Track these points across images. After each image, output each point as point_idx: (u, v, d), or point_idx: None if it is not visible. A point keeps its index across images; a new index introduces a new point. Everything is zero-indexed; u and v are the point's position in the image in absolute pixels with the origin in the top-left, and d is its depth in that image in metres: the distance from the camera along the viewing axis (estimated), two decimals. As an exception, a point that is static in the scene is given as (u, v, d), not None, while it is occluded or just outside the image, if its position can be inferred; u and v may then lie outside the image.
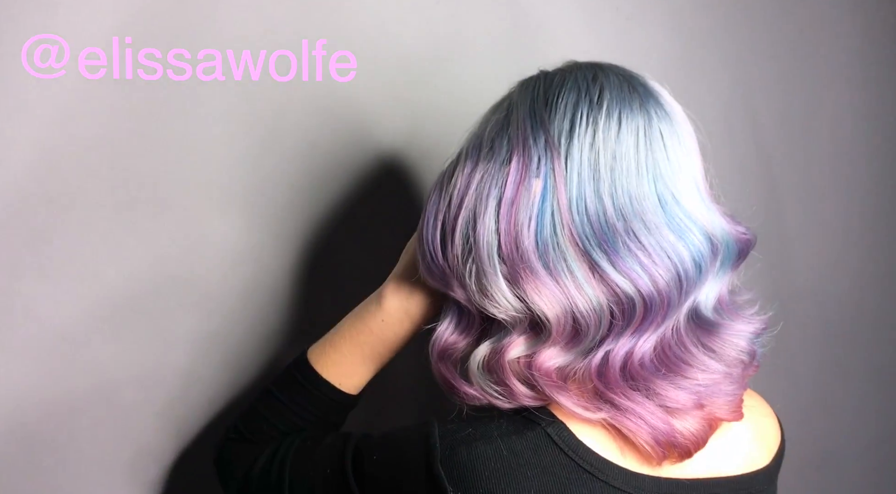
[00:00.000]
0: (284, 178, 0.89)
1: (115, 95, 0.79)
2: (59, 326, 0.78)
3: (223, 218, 0.85)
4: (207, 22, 0.84)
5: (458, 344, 0.67)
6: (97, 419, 0.81)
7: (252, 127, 0.87)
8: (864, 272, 1.60)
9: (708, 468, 0.66)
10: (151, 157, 0.81)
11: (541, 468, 0.60)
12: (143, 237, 0.81)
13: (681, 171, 0.62)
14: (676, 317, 0.63)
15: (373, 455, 0.65)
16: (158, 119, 0.81)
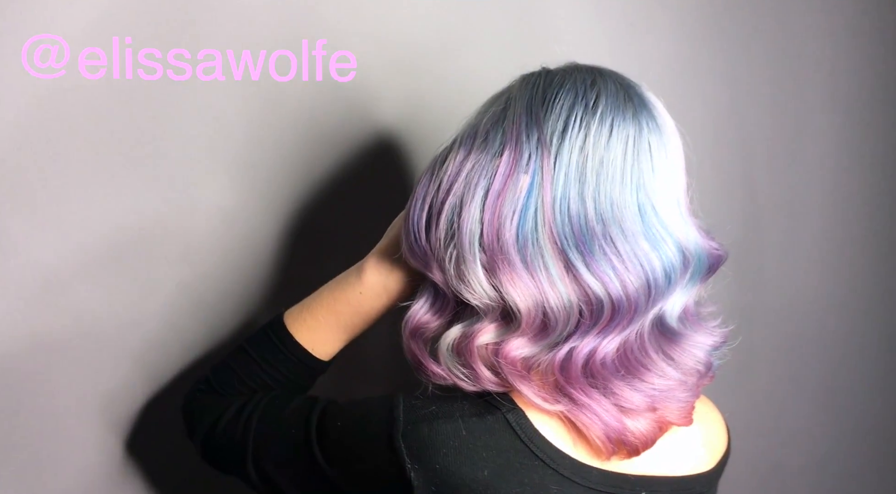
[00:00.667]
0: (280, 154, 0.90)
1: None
2: (44, 266, 0.79)
3: (216, 180, 0.87)
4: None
5: (431, 324, 0.70)
6: (74, 360, 0.83)
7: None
8: (832, 295, 1.65)
9: (654, 466, 0.69)
10: (151, 125, 0.82)
11: (496, 450, 0.63)
12: (134, 190, 0.82)
13: (664, 183, 0.64)
14: (642, 323, 0.65)
15: (337, 421, 0.67)
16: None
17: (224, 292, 0.91)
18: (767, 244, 1.48)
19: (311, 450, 0.67)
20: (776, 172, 1.45)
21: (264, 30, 0.87)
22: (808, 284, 1.58)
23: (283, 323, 0.78)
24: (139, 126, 0.81)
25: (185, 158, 0.85)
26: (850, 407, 1.76)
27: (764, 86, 1.38)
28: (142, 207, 0.83)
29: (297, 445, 0.69)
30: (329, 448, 0.67)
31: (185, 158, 0.85)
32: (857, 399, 1.76)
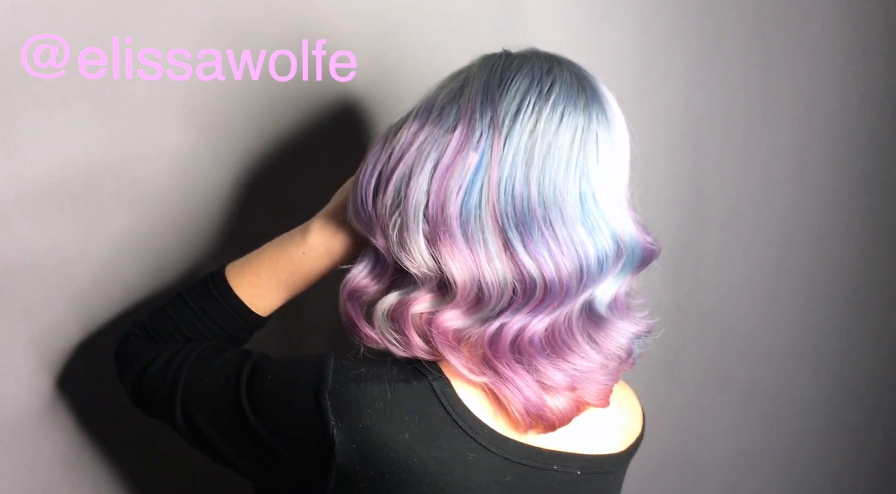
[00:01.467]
0: (236, 94, 0.90)
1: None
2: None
3: (174, 126, 0.87)
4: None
5: (369, 288, 0.71)
6: (7, 292, 0.82)
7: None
8: (760, 300, 1.71)
9: (567, 443, 0.72)
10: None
11: (419, 415, 0.65)
12: (88, 126, 0.82)
13: (606, 174, 0.67)
14: (572, 306, 0.68)
15: (267, 375, 0.69)
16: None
17: (170, 239, 0.91)
18: (707, 246, 1.53)
19: (238, 400, 0.69)
20: (724, 176, 1.50)
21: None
22: (740, 287, 1.64)
23: (224, 276, 0.78)
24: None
25: (145, 100, 0.84)
26: (770, 408, 1.84)
27: (721, 91, 1.42)
28: (95, 144, 0.83)
29: (225, 394, 0.70)
30: (256, 399, 0.68)
31: (145, 100, 0.84)
32: (777, 401, 1.84)
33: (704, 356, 1.65)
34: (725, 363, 1.70)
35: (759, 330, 1.73)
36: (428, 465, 0.65)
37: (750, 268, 1.64)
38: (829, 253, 1.77)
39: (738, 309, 1.66)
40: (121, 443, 0.94)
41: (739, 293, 1.65)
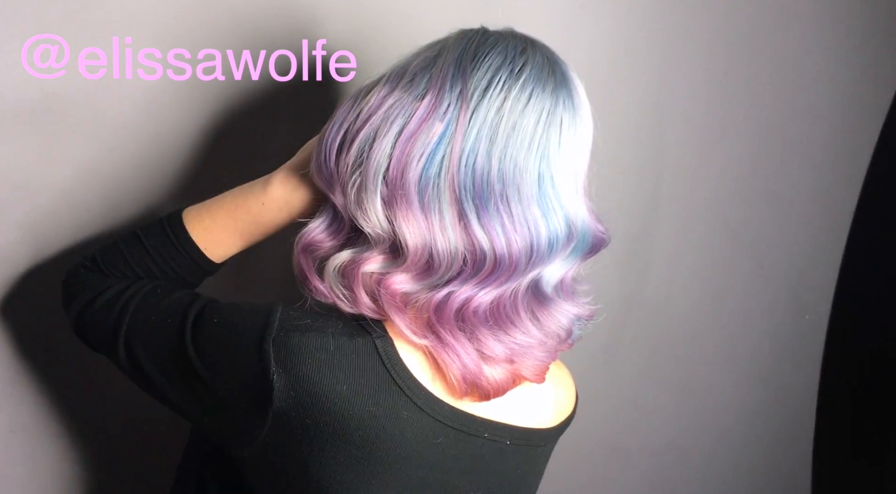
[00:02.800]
0: (212, 38, 0.90)
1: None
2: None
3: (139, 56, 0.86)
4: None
5: (324, 243, 0.72)
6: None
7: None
8: (706, 298, 1.76)
9: (501, 414, 0.75)
10: None
11: (359, 370, 0.67)
12: (51, 50, 0.80)
13: (566, 159, 0.69)
14: (519, 282, 0.70)
15: (214, 318, 0.70)
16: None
17: (128, 175, 0.90)
18: (660, 241, 1.57)
19: (182, 340, 0.69)
20: (682, 175, 1.54)
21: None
22: (686, 286, 1.69)
23: (181, 219, 0.79)
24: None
25: (111, 29, 0.84)
26: (701, 405, 1.90)
27: (688, 93, 1.45)
28: (56, 70, 0.82)
29: (169, 333, 0.71)
30: (201, 340, 0.69)
31: (111, 29, 0.84)
32: (708, 398, 1.90)
33: (645, 350, 1.70)
34: (664, 358, 1.75)
35: (699, 328, 1.78)
36: (362, 418, 0.66)
37: (697, 268, 1.68)
38: (773, 259, 1.83)
39: (682, 307, 1.71)
40: (59, 373, 0.94)
41: (685, 291, 1.70)
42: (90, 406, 0.97)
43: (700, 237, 1.65)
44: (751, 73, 1.53)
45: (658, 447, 1.88)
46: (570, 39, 1.22)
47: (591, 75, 1.15)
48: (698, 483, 2.01)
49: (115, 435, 1.01)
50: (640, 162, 1.45)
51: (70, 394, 0.96)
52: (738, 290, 1.81)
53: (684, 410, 1.88)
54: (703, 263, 1.69)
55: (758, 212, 1.73)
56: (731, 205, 1.66)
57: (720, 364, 1.88)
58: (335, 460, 0.68)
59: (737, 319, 1.84)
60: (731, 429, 1.99)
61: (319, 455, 0.68)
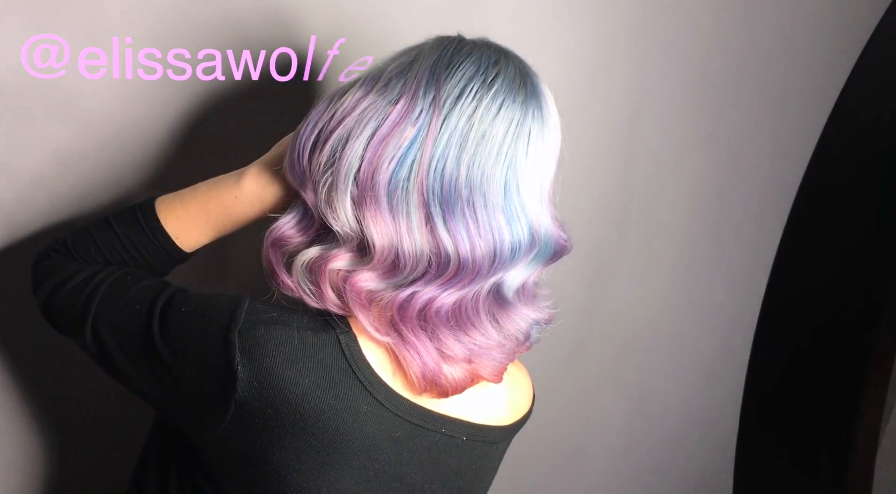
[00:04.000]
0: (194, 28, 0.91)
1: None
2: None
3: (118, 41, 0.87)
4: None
5: (293, 239, 0.74)
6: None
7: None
8: (670, 311, 1.80)
9: (458, 410, 0.77)
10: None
11: (321, 364, 0.69)
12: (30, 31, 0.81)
13: (533, 168, 0.71)
14: (481, 286, 0.72)
15: (182, 307, 0.71)
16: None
17: (104, 163, 0.91)
18: (626, 251, 1.61)
19: (150, 326, 0.71)
20: (650, 189, 1.57)
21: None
22: (648, 296, 1.73)
23: (153, 207, 0.80)
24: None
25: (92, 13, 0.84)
26: (657, 411, 1.94)
27: (659, 108, 1.49)
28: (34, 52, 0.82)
29: (137, 318, 0.72)
30: (168, 328, 0.70)
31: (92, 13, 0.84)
32: (664, 405, 1.95)
33: (606, 356, 1.74)
34: (624, 365, 1.79)
35: (660, 338, 1.82)
36: (323, 411, 0.69)
37: (660, 279, 1.72)
38: (736, 271, 1.88)
39: (644, 316, 1.75)
40: (26, 357, 0.95)
41: (647, 301, 1.73)
42: (55, 391, 0.98)
43: (665, 250, 1.69)
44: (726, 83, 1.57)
45: (615, 451, 1.91)
46: (550, 50, 1.25)
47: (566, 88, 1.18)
48: (654, 488, 2.05)
49: (78, 420, 1.02)
50: (610, 173, 1.48)
51: (35, 379, 0.96)
52: (700, 301, 1.85)
53: (641, 417, 1.92)
54: (665, 276, 1.73)
55: (723, 224, 1.77)
56: (697, 217, 1.71)
57: (678, 372, 1.93)
58: (294, 449, 0.70)
59: (697, 329, 1.89)
60: (686, 436, 2.04)
61: (279, 445, 0.69)
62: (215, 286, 1.06)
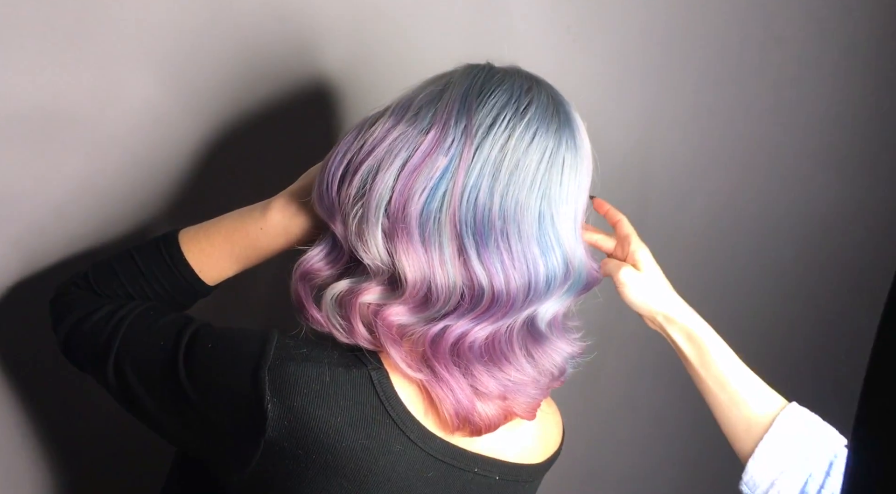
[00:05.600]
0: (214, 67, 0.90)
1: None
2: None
3: (141, 76, 0.86)
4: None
5: (322, 272, 0.73)
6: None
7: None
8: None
9: (491, 449, 0.75)
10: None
11: (354, 402, 0.67)
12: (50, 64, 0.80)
13: (567, 198, 0.69)
14: (515, 319, 0.71)
15: (208, 343, 0.69)
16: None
17: (123, 193, 0.90)
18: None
19: (175, 363, 0.69)
20: (664, 211, 1.56)
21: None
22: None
23: (176, 240, 0.78)
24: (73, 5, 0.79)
25: (112, 46, 0.83)
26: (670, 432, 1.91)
27: (673, 128, 1.47)
28: (54, 84, 0.81)
29: (162, 356, 0.70)
30: (194, 365, 0.68)
31: (112, 46, 0.83)
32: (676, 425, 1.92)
33: (621, 379, 1.71)
34: (639, 387, 1.77)
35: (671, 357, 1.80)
36: (355, 451, 0.66)
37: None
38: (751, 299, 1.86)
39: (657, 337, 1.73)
40: (45, 393, 0.92)
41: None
42: (74, 426, 0.96)
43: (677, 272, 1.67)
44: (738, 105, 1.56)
45: (627, 474, 1.89)
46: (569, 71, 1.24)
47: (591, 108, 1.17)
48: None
49: (97, 457, 0.99)
50: (624, 195, 1.47)
51: (54, 414, 0.94)
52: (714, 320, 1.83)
53: (656, 438, 1.89)
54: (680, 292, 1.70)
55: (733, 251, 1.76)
56: (708, 242, 1.69)
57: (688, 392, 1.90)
58: (325, 491, 0.67)
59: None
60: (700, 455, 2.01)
61: (309, 486, 0.67)
62: (237, 320, 1.04)
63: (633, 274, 0.89)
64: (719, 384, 0.87)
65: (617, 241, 0.93)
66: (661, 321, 0.90)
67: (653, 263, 0.90)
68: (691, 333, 0.88)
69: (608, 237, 0.93)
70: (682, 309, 0.89)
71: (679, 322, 0.88)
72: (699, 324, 0.89)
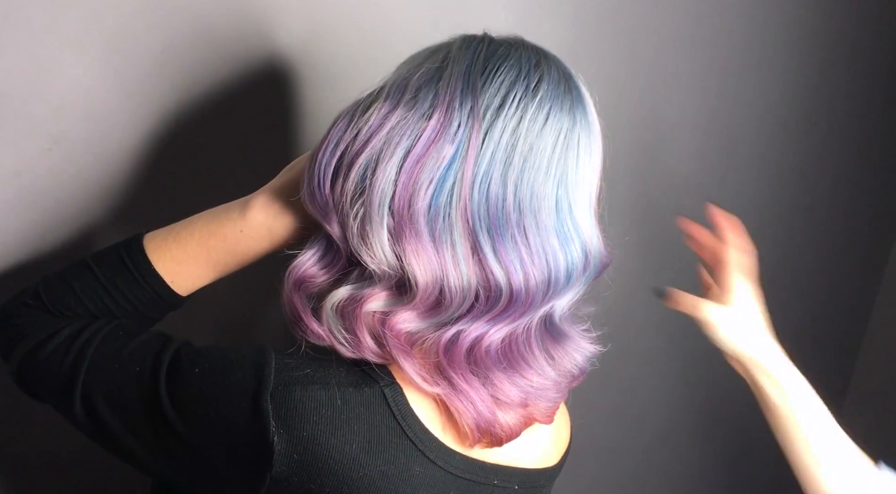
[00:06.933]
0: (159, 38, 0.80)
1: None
2: None
3: (75, 55, 0.75)
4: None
5: (317, 278, 0.65)
6: None
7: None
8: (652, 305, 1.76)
9: (510, 457, 0.69)
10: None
11: (368, 425, 0.60)
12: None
13: (583, 182, 0.63)
14: (532, 317, 0.65)
15: (194, 367, 0.61)
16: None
17: (68, 191, 0.79)
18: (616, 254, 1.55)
19: (156, 395, 0.60)
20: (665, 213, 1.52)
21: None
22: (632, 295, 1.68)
23: (141, 246, 0.69)
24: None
25: (45, 24, 0.73)
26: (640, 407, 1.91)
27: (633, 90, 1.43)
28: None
29: (140, 384, 0.61)
30: (179, 396, 0.60)
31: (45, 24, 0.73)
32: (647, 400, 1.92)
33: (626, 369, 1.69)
34: (611, 363, 1.74)
35: (643, 331, 1.78)
36: (373, 479, 0.60)
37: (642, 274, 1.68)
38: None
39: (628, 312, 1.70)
40: None
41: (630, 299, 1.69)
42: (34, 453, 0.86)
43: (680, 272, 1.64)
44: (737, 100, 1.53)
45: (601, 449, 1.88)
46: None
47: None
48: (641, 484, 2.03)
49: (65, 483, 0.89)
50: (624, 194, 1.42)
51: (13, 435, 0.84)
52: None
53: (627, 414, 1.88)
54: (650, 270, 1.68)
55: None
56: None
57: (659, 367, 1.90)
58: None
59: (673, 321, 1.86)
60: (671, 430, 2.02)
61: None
62: (216, 336, 0.94)
63: (722, 312, 0.82)
64: (806, 444, 0.80)
65: (714, 261, 0.86)
66: (751, 368, 0.82)
67: (751, 299, 0.83)
68: (780, 383, 0.81)
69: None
70: (775, 358, 0.82)
71: (769, 372, 0.81)
72: (792, 377, 0.81)
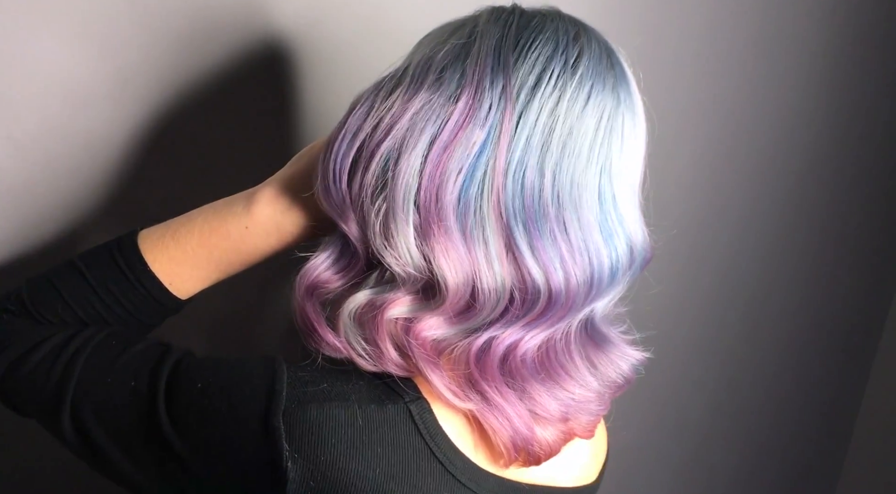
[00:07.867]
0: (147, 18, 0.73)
1: None
2: None
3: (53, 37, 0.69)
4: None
5: (332, 284, 0.58)
6: None
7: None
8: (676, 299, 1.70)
9: (547, 476, 0.63)
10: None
11: (393, 446, 0.53)
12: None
13: (627, 170, 0.57)
14: (571, 321, 0.58)
15: (196, 382, 0.54)
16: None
17: (54, 184, 0.72)
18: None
19: (154, 413, 0.54)
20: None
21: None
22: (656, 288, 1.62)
23: (135, 245, 0.62)
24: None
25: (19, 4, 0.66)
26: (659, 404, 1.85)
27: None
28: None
29: (135, 400, 0.55)
30: (180, 414, 0.54)
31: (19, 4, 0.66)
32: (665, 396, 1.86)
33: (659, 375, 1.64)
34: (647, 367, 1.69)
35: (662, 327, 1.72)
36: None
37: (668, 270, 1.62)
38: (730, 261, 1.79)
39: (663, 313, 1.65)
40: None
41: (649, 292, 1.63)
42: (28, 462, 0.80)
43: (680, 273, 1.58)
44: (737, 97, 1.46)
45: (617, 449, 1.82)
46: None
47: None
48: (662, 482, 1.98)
49: None
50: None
51: None
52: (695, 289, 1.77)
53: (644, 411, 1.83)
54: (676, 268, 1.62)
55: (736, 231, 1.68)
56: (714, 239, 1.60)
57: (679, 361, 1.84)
58: None
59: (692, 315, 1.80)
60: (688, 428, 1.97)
61: None
62: (222, 347, 0.87)
63: None
64: None
65: None
66: None
67: None
68: None
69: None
70: None
71: None
72: None
